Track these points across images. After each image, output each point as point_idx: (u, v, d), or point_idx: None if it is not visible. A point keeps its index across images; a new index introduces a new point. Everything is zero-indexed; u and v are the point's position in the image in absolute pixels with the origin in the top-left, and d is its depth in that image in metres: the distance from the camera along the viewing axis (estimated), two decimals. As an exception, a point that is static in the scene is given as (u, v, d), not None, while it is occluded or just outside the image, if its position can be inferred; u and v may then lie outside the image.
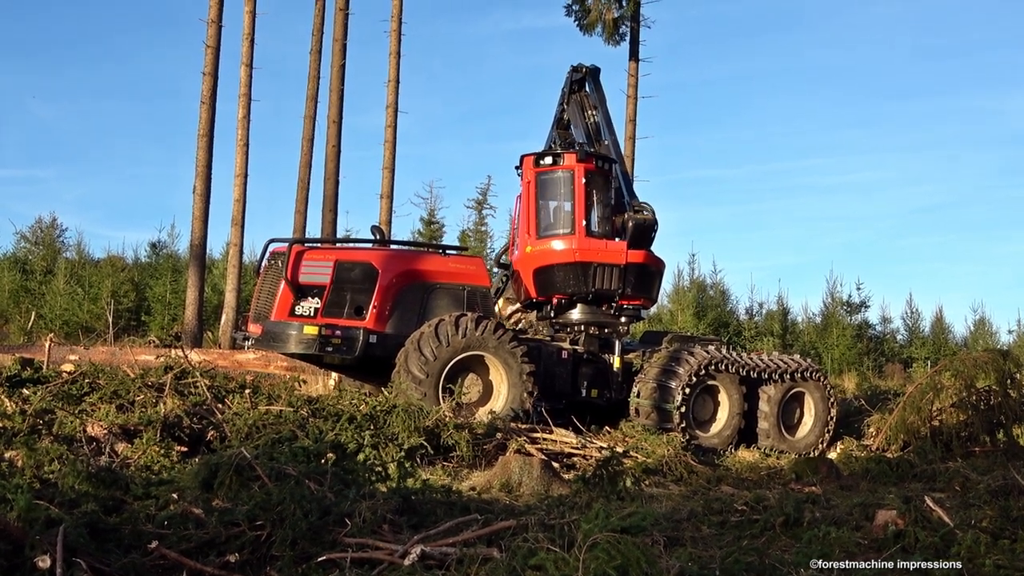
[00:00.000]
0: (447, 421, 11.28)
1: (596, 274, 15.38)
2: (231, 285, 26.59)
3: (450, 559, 5.50)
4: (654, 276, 15.78)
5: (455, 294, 14.13)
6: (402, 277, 13.94)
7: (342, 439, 9.66)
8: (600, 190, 15.81)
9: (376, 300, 13.53)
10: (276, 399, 11.29)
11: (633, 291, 15.55)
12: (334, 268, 13.57)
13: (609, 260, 15.41)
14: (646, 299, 15.95)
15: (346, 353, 13.29)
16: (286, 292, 13.39)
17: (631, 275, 15.46)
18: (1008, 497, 9.04)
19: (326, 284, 13.46)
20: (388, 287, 13.67)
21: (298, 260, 13.60)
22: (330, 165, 28.43)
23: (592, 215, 15.67)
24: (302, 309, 13.40)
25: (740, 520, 7.94)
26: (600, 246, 15.50)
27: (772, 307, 36.90)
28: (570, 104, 17.47)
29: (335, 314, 13.37)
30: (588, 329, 15.46)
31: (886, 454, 13.76)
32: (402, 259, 14.66)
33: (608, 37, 30.64)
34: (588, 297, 15.52)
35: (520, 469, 9.66)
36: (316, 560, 5.54)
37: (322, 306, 13.35)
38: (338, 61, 28.70)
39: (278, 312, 13.38)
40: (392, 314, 13.69)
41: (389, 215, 29.18)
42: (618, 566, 4.57)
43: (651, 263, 15.79)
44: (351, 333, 13.26)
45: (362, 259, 13.99)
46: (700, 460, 12.58)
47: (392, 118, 29.45)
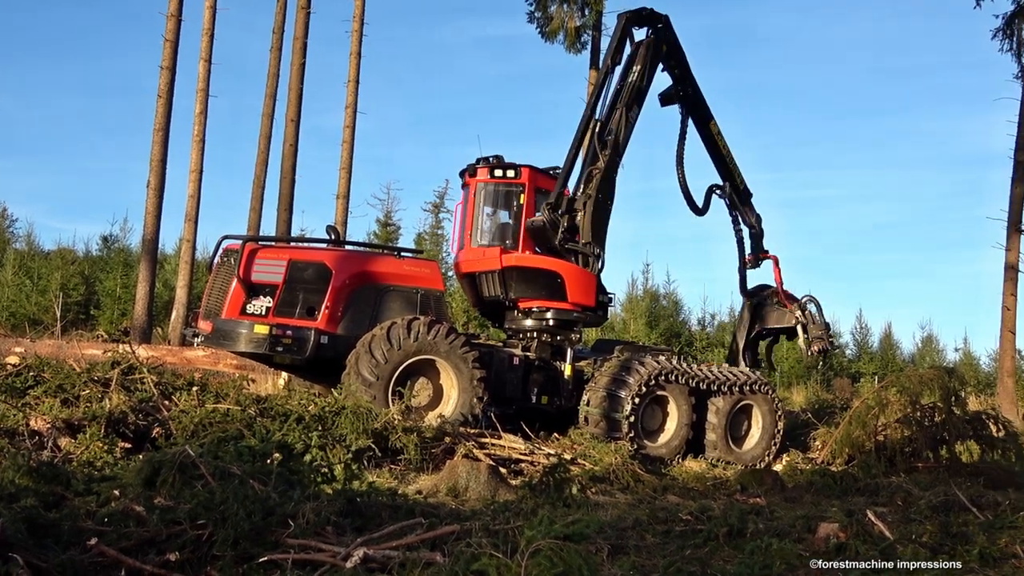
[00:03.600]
0: (396, 424, 11.23)
1: (474, 281, 15.67)
2: (183, 281, 26.37)
3: (393, 563, 5.48)
4: (551, 276, 15.23)
5: (409, 297, 14.07)
6: (355, 278, 13.85)
7: (289, 439, 9.61)
8: (495, 201, 15.87)
9: (329, 301, 13.43)
10: (224, 397, 11.16)
11: (527, 294, 15.37)
12: (287, 267, 13.46)
13: (486, 267, 15.45)
14: (551, 300, 15.33)
15: (296, 353, 13.16)
16: (238, 290, 13.27)
17: (510, 279, 15.29)
18: (948, 513, 9.17)
19: (279, 283, 13.34)
20: (341, 288, 13.59)
21: (251, 258, 13.48)
22: (287, 164, 28.31)
23: (479, 226, 15.79)
24: (253, 308, 13.29)
25: (684, 530, 7.98)
26: (477, 254, 15.64)
27: (724, 319, 37.12)
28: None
29: (287, 314, 13.25)
30: (540, 336, 15.39)
31: (831, 467, 13.88)
32: (356, 260, 14.56)
33: (570, 45, 30.76)
34: (484, 304, 15.91)
35: (467, 474, 9.64)
36: (257, 561, 5.50)
37: (274, 305, 13.22)
38: (298, 60, 28.59)
39: (229, 310, 13.24)
40: (344, 315, 13.59)
41: (345, 215, 29.09)
42: (560, 573, 4.58)
43: (538, 264, 15.31)
44: (302, 333, 13.14)
45: (316, 259, 13.88)
46: (647, 469, 12.60)
47: (351, 118, 29.36)
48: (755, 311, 17.80)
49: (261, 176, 28.72)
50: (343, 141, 29.35)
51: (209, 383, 11.95)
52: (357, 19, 29.64)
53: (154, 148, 25.40)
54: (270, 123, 28.98)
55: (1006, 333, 28.42)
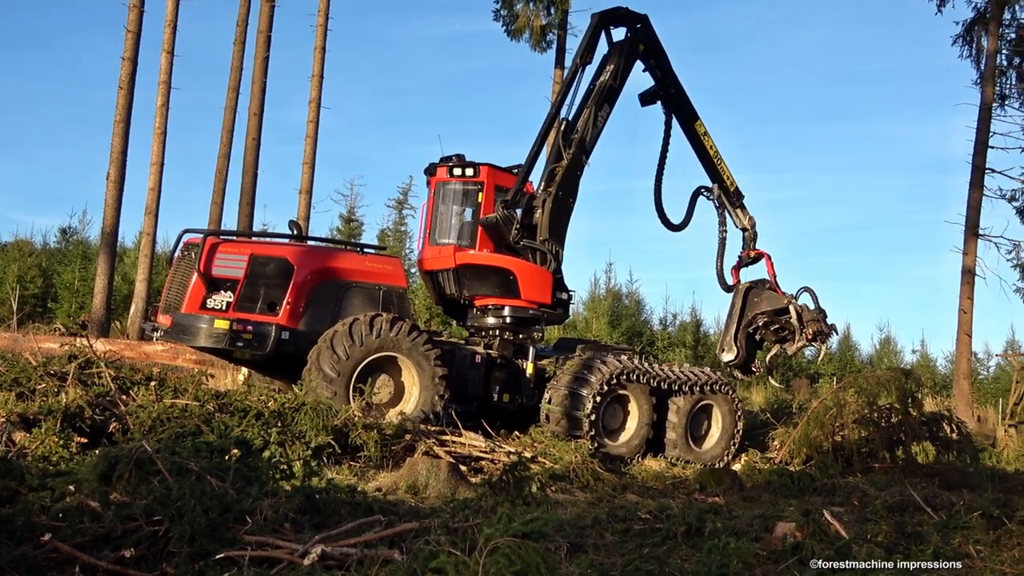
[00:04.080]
0: (356, 421, 11.19)
1: (435, 279, 15.75)
2: (142, 275, 26.14)
3: (350, 560, 5.47)
4: (503, 273, 15.20)
5: (371, 293, 14.01)
6: (317, 274, 13.79)
7: (248, 435, 9.54)
8: (454, 200, 15.87)
9: (290, 296, 13.36)
10: (182, 393, 11.07)
11: (480, 291, 15.40)
12: (248, 262, 13.38)
13: (443, 266, 15.54)
14: (505, 297, 15.31)
15: (257, 349, 13.07)
16: (198, 284, 13.16)
17: (464, 276, 15.35)
18: (904, 513, 9.27)
19: (239, 278, 13.25)
20: (303, 284, 13.52)
21: (212, 252, 13.37)
22: (249, 157, 28.13)
23: (438, 224, 15.87)
24: (214, 302, 13.18)
25: (643, 528, 8.00)
26: (435, 252, 15.72)
27: (686, 318, 37.31)
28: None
29: (248, 309, 13.18)
30: (502, 334, 15.37)
31: (789, 467, 13.99)
32: (318, 256, 14.54)
33: (535, 44, 30.80)
34: (445, 302, 16.00)
35: (427, 471, 9.63)
36: (214, 557, 5.47)
37: (235, 300, 13.15)
38: (262, 53, 28.42)
39: (189, 304, 13.14)
40: (306, 311, 13.51)
41: (308, 211, 28.97)
42: (518, 571, 4.58)
43: (490, 262, 15.26)
44: (263, 329, 13.05)
45: (277, 254, 13.82)
46: (607, 468, 12.65)
47: (315, 113, 29.26)
48: (747, 297, 17.31)
49: (223, 170, 28.51)
50: (306, 136, 29.25)
51: (167, 378, 11.83)
52: (322, 13, 29.54)
53: (114, 140, 25.14)
54: (233, 116, 28.77)
55: (962, 336, 28.73)
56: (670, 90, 16.70)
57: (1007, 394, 28.17)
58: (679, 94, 16.84)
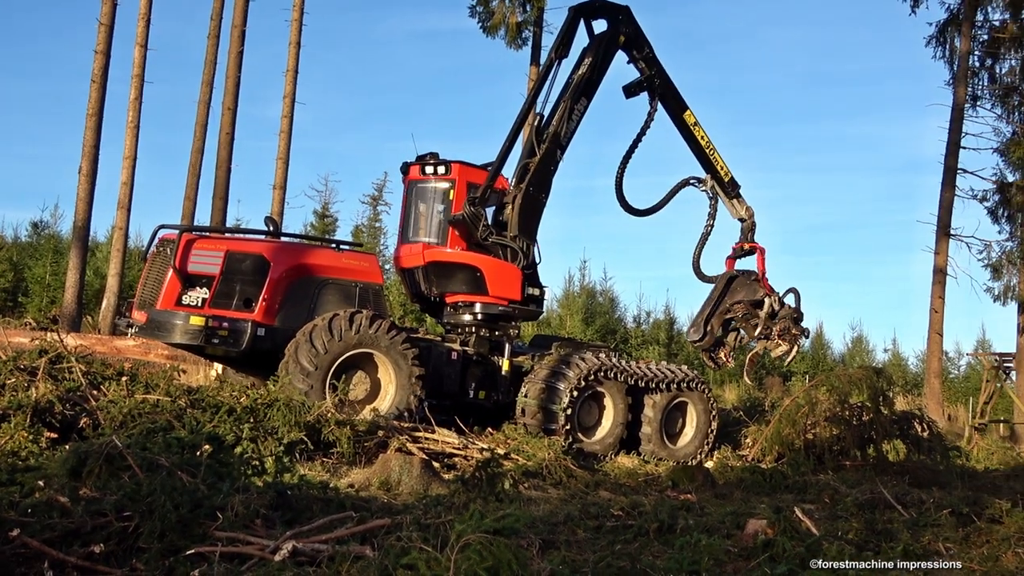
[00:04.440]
0: (329, 417, 11.18)
1: (409, 277, 15.79)
2: (114, 270, 26.00)
3: (322, 556, 5.45)
4: (470, 270, 15.18)
5: (347, 290, 13.99)
6: (293, 271, 13.73)
7: (220, 431, 9.48)
8: (427, 198, 15.88)
9: (266, 293, 13.30)
10: (154, 388, 11.00)
11: (449, 288, 15.44)
12: (224, 258, 13.30)
13: (414, 263, 15.60)
14: (472, 294, 15.31)
15: (233, 346, 13.03)
16: (173, 280, 13.11)
17: (432, 273, 15.38)
18: (874, 510, 9.35)
19: (215, 274, 13.19)
20: (279, 280, 13.46)
21: (187, 248, 13.33)
22: (223, 152, 28.03)
23: (411, 222, 15.92)
24: (189, 299, 13.12)
25: (615, 525, 8.03)
26: (408, 250, 15.80)
27: (659, 316, 37.45)
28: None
29: (223, 305, 13.12)
30: (478, 331, 15.36)
31: (761, 465, 14.04)
32: (294, 252, 14.50)
33: (511, 40, 30.81)
34: (421, 299, 16.00)
35: (400, 468, 9.62)
36: (184, 553, 5.44)
37: (210, 296, 13.08)
38: (236, 47, 28.31)
39: (164, 301, 13.08)
40: (282, 308, 13.46)
41: (282, 206, 28.92)
42: (489, 567, 4.58)
43: (456, 259, 15.23)
44: (239, 325, 12.99)
45: (253, 250, 13.75)
46: (580, 465, 12.66)
47: (289, 108, 29.20)
48: (728, 284, 17.09)
49: (197, 164, 28.38)
50: (281, 131, 29.21)
51: (139, 373, 11.75)
52: (297, 8, 29.51)
53: (87, 134, 24.98)
54: (206, 111, 28.65)
55: (933, 335, 28.96)
56: (655, 81, 16.31)
57: (977, 393, 28.46)
58: (665, 85, 16.47)
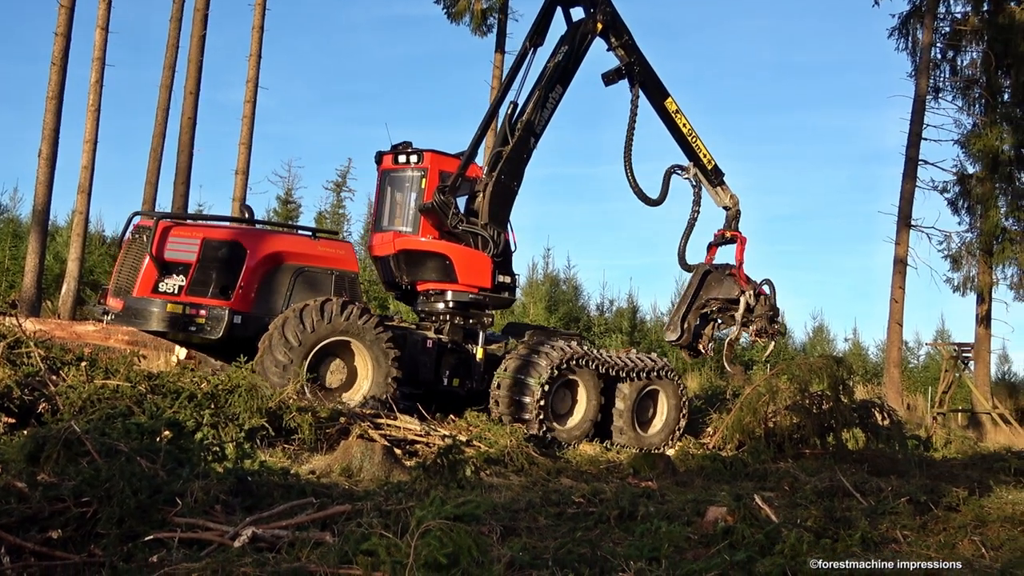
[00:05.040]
0: (290, 403, 11.15)
1: (383, 265, 15.84)
2: (74, 254, 25.73)
3: (282, 542, 5.44)
4: (439, 258, 15.22)
5: (323, 278, 14.01)
6: (270, 258, 13.73)
7: (180, 417, 9.43)
8: (400, 186, 15.86)
9: (243, 280, 13.29)
10: (114, 373, 10.93)
11: (419, 276, 15.49)
12: (201, 246, 13.29)
13: (385, 252, 15.66)
14: (442, 282, 15.32)
15: (210, 333, 12.98)
16: (150, 268, 13.10)
17: (402, 262, 15.44)
18: (833, 498, 9.43)
19: (192, 262, 13.17)
20: (255, 267, 13.47)
21: (164, 236, 13.30)
22: (184, 136, 27.77)
23: (384, 211, 15.97)
24: (166, 286, 13.10)
25: (576, 512, 8.07)
26: (380, 239, 15.86)
27: (622, 304, 37.45)
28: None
29: (200, 292, 13.11)
30: (452, 319, 15.36)
31: (722, 453, 14.13)
32: (271, 240, 14.47)
33: (476, 27, 30.77)
34: (394, 288, 16.03)
35: (361, 454, 9.62)
36: (143, 539, 5.41)
37: (187, 284, 13.07)
38: (198, 31, 28.05)
39: (141, 288, 13.05)
40: (258, 295, 13.48)
41: (244, 192, 28.72)
42: (449, 553, 4.58)
43: (426, 247, 15.26)
44: (216, 313, 12.98)
45: (230, 238, 13.74)
46: (541, 452, 12.71)
47: (252, 93, 28.98)
48: (704, 279, 17.21)
49: (158, 149, 28.13)
50: (243, 116, 29.00)
51: (99, 358, 11.68)
52: (261, -8, 29.24)
53: (47, 117, 24.66)
54: (168, 95, 28.39)
55: (893, 325, 29.24)
56: (635, 69, 16.23)
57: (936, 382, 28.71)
58: (645, 72, 16.41)
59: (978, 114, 30.53)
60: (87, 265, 25.96)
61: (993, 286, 30.64)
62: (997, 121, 29.54)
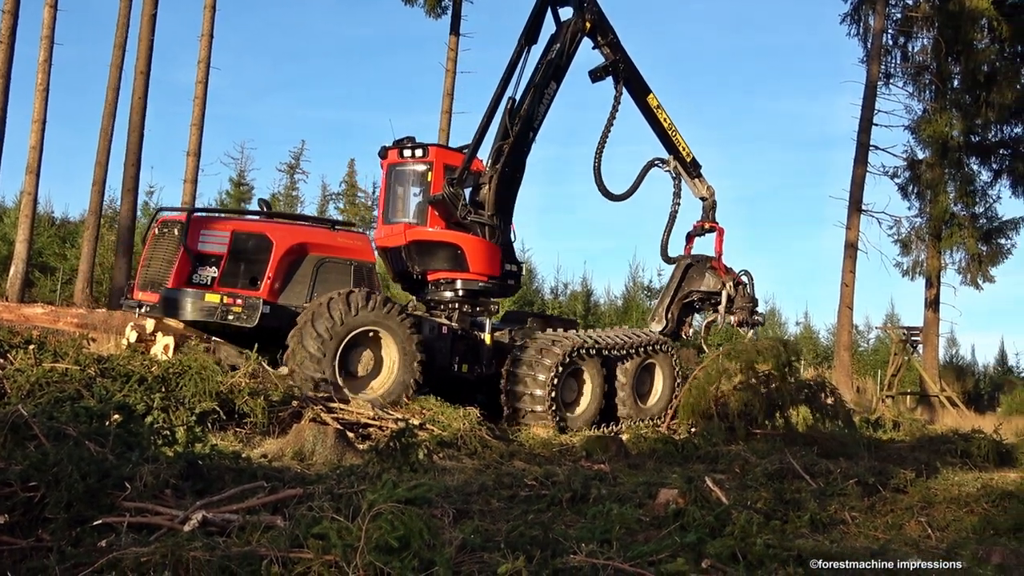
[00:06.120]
0: (242, 387, 11.09)
1: (393, 256, 16.25)
2: (22, 236, 25.44)
3: (232, 526, 5.41)
4: (451, 248, 15.77)
5: (343, 268, 14.58)
6: (294, 250, 14.24)
7: (130, 400, 9.37)
8: (405, 180, 16.36)
9: (270, 271, 13.86)
10: (63, 356, 10.81)
11: (431, 266, 15.93)
12: (231, 238, 13.78)
13: (395, 243, 16.07)
14: (454, 271, 15.87)
15: (246, 322, 13.45)
16: (184, 260, 13.49)
17: (414, 252, 15.90)
18: (783, 480, 9.53)
19: (223, 254, 13.67)
20: (281, 259, 14.00)
21: (197, 229, 13.78)
22: (135, 117, 27.45)
23: (392, 203, 16.45)
24: (199, 277, 13.58)
25: (529, 495, 8.10)
26: (389, 230, 16.28)
27: (576, 288, 37.66)
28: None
29: (231, 283, 13.64)
30: (460, 307, 15.92)
31: (675, 435, 14.22)
32: (295, 232, 14.86)
33: (430, 9, 30.73)
34: (402, 278, 16.48)
35: (314, 438, 9.60)
36: (91, 524, 5.36)
37: (219, 275, 13.58)
38: (149, 10, 27.72)
39: (175, 279, 13.46)
40: (284, 286, 14.06)
41: (196, 173, 28.54)
42: (400, 536, 4.58)
43: (438, 238, 15.80)
44: (252, 302, 13.51)
45: (257, 230, 14.23)
46: (494, 435, 12.74)
47: (204, 73, 28.73)
48: (686, 272, 18.34)
49: (108, 129, 27.81)
50: (195, 97, 28.77)
51: (48, 341, 11.56)
52: (213, -29, 28.94)
53: (-6, 96, 24.37)
54: (119, 74, 28.07)
55: (844, 308, 29.54)
56: (620, 66, 17.16)
57: (886, 365, 29.15)
58: (629, 69, 17.34)
59: (928, 100, 30.88)
60: (36, 247, 25.64)
61: (941, 270, 31.05)
62: (947, 107, 29.89)
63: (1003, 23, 28.77)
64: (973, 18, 28.62)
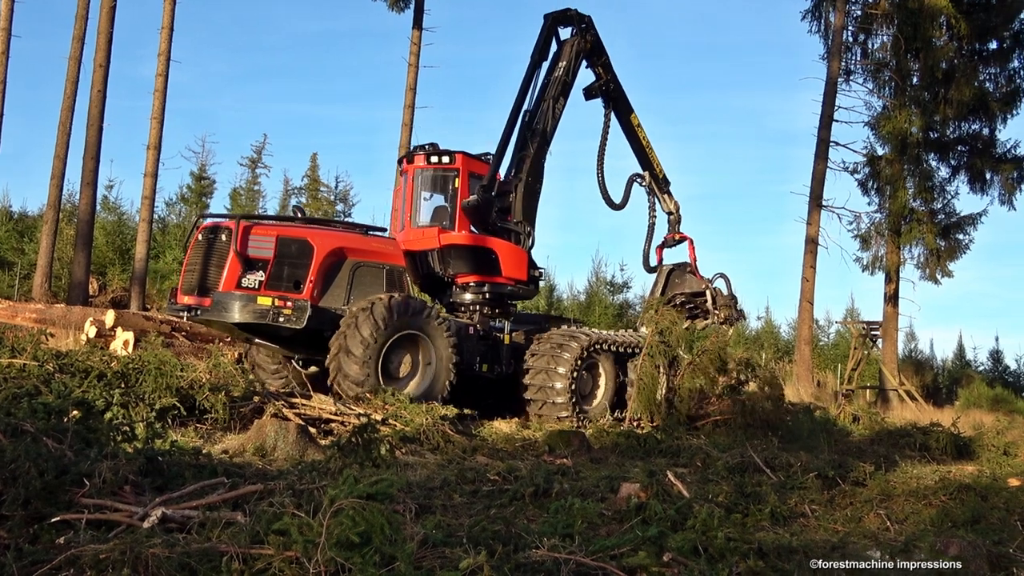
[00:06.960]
0: (203, 382, 11.03)
1: (420, 259, 16.58)
2: (-20, 230, 25.16)
3: (192, 522, 5.38)
4: (486, 253, 16.43)
5: (377, 272, 15.17)
6: (333, 254, 14.71)
7: (89, 396, 9.31)
8: (432, 185, 16.90)
9: (312, 275, 14.30)
10: (20, 352, 10.71)
11: (464, 269, 16.49)
12: (276, 243, 14.21)
13: (426, 246, 16.46)
14: (487, 275, 16.50)
15: (296, 323, 13.83)
16: (234, 264, 13.82)
17: (448, 256, 16.43)
18: (744, 474, 9.61)
19: (269, 258, 14.07)
20: (322, 263, 14.46)
21: (246, 234, 14.06)
22: (94, 110, 27.16)
23: (418, 208, 16.86)
24: (248, 281, 13.92)
25: (491, 490, 8.10)
26: (418, 234, 16.62)
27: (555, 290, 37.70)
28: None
29: (277, 287, 14.04)
30: (482, 308, 16.59)
31: (638, 430, 14.28)
32: (333, 237, 15.27)
33: (393, 3, 30.60)
34: (424, 280, 16.91)
35: (275, 433, 9.54)
36: (49, 521, 5.31)
37: (266, 279, 13.95)
38: (108, 3, 27.40)
39: (227, 283, 13.79)
40: (325, 289, 14.56)
41: (156, 167, 28.25)
42: (361, 532, 4.57)
43: (474, 242, 16.46)
44: (300, 304, 13.90)
45: (299, 235, 14.62)
46: (457, 430, 12.73)
47: (164, 66, 28.45)
48: (668, 277, 19.38)
49: (67, 122, 27.52)
50: (155, 90, 28.46)
51: (5, 337, 11.42)
52: (173, -36, 28.68)
53: (-50, 89, 24.07)
54: (77, 67, 27.77)
55: (804, 303, 29.76)
56: (610, 85, 18.51)
57: (846, 360, 29.31)
58: (617, 89, 18.66)
59: (888, 97, 31.12)
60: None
61: (901, 265, 31.33)
62: (906, 104, 30.11)
63: (962, 21, 29.05)
64: (932, 15, 28.90)
